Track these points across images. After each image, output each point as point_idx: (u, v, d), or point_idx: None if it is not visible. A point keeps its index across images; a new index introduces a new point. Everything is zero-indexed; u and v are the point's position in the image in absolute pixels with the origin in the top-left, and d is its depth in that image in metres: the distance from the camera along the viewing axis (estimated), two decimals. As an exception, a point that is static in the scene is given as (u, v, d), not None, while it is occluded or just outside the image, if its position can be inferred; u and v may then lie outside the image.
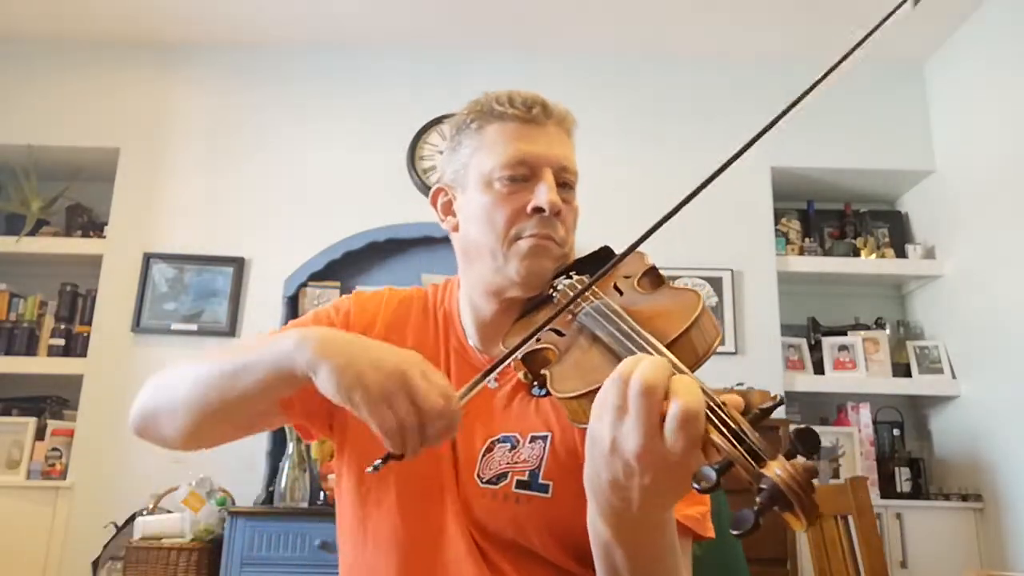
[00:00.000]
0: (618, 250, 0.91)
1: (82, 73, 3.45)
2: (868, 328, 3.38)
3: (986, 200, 3.05)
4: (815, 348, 3.35)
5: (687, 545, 0.86)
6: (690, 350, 0.68)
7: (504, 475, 0.90)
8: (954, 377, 3.17)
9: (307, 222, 3.28)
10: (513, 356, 0.79)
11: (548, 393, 0.85)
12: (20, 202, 3.37)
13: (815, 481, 0.54)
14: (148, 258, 3.23)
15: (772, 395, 0.62)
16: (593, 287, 0.82)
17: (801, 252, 3.41)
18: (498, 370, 0.79)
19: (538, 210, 0.92)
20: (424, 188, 3.32)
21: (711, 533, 0.90)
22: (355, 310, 1.04)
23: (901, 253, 3.41)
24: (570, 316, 0.83)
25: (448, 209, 1.02)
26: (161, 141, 3.39)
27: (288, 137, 3.41)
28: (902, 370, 3.25)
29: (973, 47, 3.18)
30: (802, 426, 0.57)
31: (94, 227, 3.36)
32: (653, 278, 0.88)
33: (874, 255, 3.39)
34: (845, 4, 3.12)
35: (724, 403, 0.59)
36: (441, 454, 0.93)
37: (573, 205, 0.98)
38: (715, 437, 0.57)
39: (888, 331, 3.37)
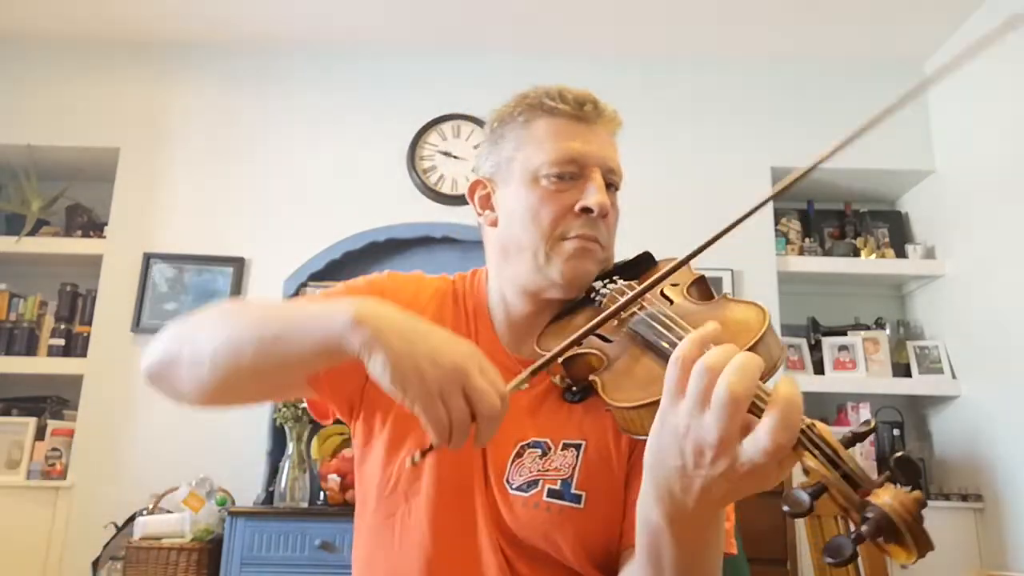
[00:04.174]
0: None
1: (82, 73, 3.45)
2: (868, 328, 3.38)
3: (986, 200, 3.05)
4: (815, 348, 3.35)
5: None
6: None
7: (535, 482, 0.87)
8: (954, 377, 3.17)
9: (307, 222, 3.28)
10: (559, 356, 0.76)
11: (583, 399, 0.82)
12: (20, 202, 3.37)
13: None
14: (148, 258, 3.23)
15: (865, 422, 0.58)
16: (648, 308, 0.79)
17: (801, 252, 3.41)
18: (541, 370, 0.76)
19: (586, 210, 0.90)
20: (424, 188, 3.32)
21: (734, 549, 0.88)
22: (390, 289, 0.98)
23: (901, 253, 3.40)
24: (617, 322, 0.80)
25: (486, 203, 0.99)
26: (161, 141, 3.39)
27: (288, 137, 3.41)
28: (902, 370, 3.25)
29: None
30: (900, 454, 0.54)
31: (94, 227, 3.36)
32: (702, 288, 0.85)
33: (874, 255, 3.39)
34: (847, 5, 3.12)
35: (814, 424, 0.56)
36: (472, 455, 0.90)
37: (617, 208, 0.96)
38: (809, 461, 0.54)
39: (888, 331, 3.37)
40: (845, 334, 3.34)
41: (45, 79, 3.43)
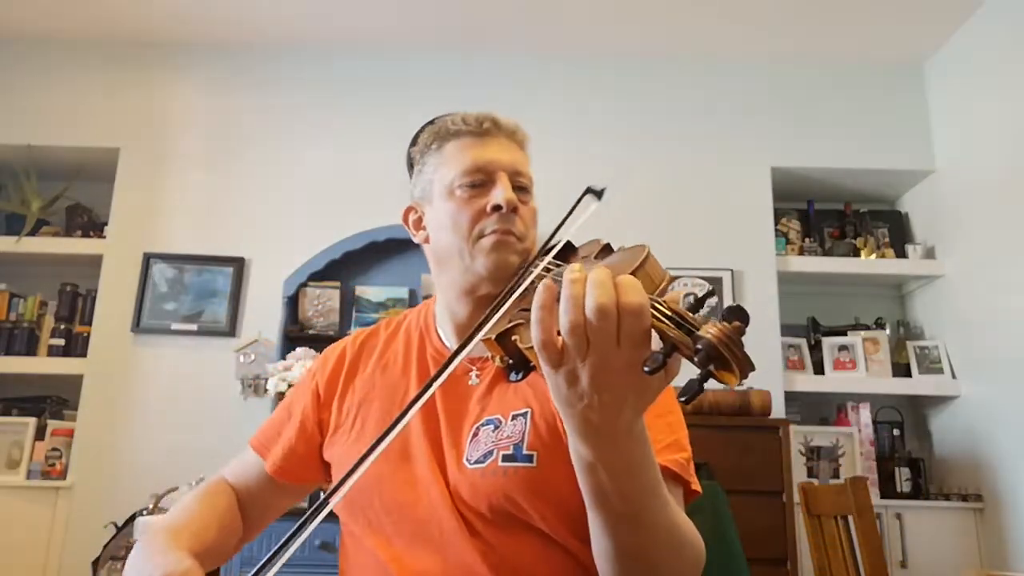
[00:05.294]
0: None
1: (82, 73, 3.46)
2: (868, 328, 3.38)
3: (986, 200, 3.05)
4: (815, 348, 3.35)
5: (678, 493, 0.92)
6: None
7: (490, 453, 0.96)
8: (954, 377, 3.17)
9: (307, 222, 3.28)
10: (459, 352, 0.83)
11: (525, 375, 0.90)
12: (20, 202, 3.38)
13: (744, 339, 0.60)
14: (148, 258, 3.23)
15: (709, 291, 0.69)
16: (553, 269, 0.90)
17: (801, 252, 3.41)
18: (456, 361, 0.82)
19: (496, 208, 1.00)
20: (424, 188, 3.32)
21: (698, 486, 0.95)
22: (319, 366, 1.17)
23: (901, 253, 3.41)
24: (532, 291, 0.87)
25: (419, 224, 1.13)
26: (161, 141, 3.39)
27: (288, 137, 3.41)
28: (902, 370, 3.25)
29: (973, 47, 3.18)
30: (732, 304, 0.62)
31: (94, 227, 3.37)
32: (608, 251, 0.94)
33: (874, 255, 3.39)
34: (847, 6, 3.12)
35: (664, 300, 0.65)
36: (425, 448, 1.00)
37: (530, 205, 1.06)
38: (659, 325, 0.63)
39: (888, 331, 3.37)
40: (845, 334, 3.34)
41: (45, 79, 3.44)
